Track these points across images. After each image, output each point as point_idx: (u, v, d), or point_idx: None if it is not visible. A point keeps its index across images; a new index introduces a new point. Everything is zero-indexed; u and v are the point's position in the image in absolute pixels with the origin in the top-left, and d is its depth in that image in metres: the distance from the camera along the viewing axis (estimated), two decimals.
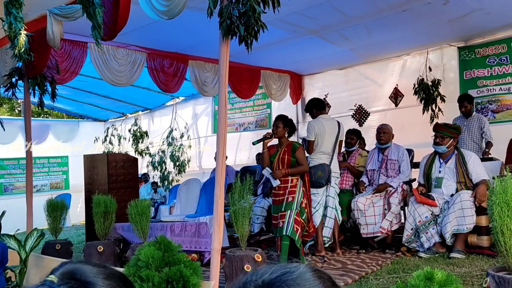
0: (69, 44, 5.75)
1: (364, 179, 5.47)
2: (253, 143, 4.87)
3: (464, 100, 5.82)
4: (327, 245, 4.95)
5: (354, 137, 5.87)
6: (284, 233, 4.39)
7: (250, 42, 3.31)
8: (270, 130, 4.91)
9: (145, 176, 10.39)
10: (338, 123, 5.20)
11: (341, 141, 5.30)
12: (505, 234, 2.43)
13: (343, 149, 5.93)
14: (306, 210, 4.59)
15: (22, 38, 4.17)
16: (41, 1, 4.65)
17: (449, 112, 6.35)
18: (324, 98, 8.19)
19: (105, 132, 11.32)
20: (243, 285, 0.68)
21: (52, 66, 5.56)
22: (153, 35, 5.85)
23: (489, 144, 5.53)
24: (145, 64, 6.39)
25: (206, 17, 3.40)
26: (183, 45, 6.41)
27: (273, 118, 4.87)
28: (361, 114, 7.80)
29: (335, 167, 5.08)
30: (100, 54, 5.94)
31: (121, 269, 3.39)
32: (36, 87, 5.32)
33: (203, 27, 5.38)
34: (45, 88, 5.55)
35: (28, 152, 5.37)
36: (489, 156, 5.32)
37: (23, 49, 4.19)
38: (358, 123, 7.68)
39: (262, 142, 4.67)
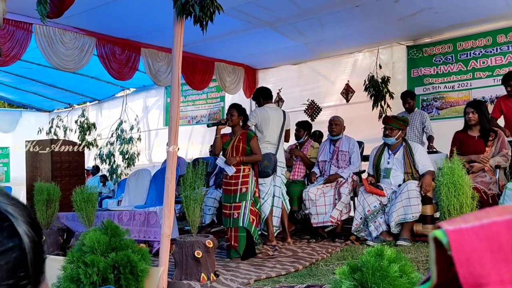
0: (12, 25, 5.43)
1: (315, 169, 5.52)
2: (208, 125, 4.83)
3: (407, 97, 6.05)
4: (275, 234, 4.94)
5: (301, 129, 5.92)
6: (241, 224, 4.35)
7: (205, 23, 3.25)
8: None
9: (95, 169, 10.01)
10: (284, 112, 5.23)
11: (287, 131, 5.31)
12: (451, 214, 2.50)
13: (294, 141, 5.97)
14: (259, 200, 4.57)
15: None
16: None
17: (397, 108, 6.55)
18: (278, 93, 8.25)
19: (49, 123, 10.83)
20: None
21: None
22: (103, 19, 5.63)
23: (431, 138, 5.77)
24: (95, 51, 6.15)
25: (158, 2, 3.30)
26: (135, 31, 6.22)
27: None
28: (313, 109, 7.90)
29: (281, 157, 5.09)
30: (46, 38, 5.64)
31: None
32: None
33: (156, 12, 5.28)
34: None
35: None
36: (434, 149, 5.52)
37: None
38: (310, 118, 7.76)
39: (216, 128, 4.59)
